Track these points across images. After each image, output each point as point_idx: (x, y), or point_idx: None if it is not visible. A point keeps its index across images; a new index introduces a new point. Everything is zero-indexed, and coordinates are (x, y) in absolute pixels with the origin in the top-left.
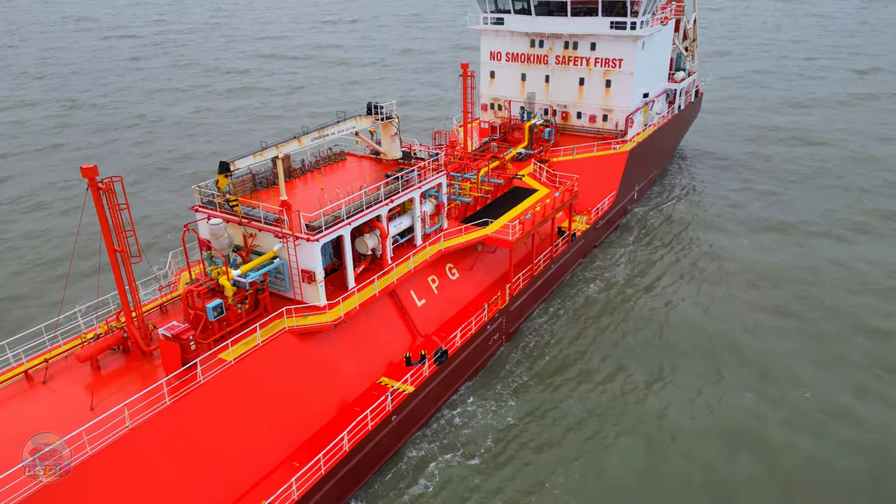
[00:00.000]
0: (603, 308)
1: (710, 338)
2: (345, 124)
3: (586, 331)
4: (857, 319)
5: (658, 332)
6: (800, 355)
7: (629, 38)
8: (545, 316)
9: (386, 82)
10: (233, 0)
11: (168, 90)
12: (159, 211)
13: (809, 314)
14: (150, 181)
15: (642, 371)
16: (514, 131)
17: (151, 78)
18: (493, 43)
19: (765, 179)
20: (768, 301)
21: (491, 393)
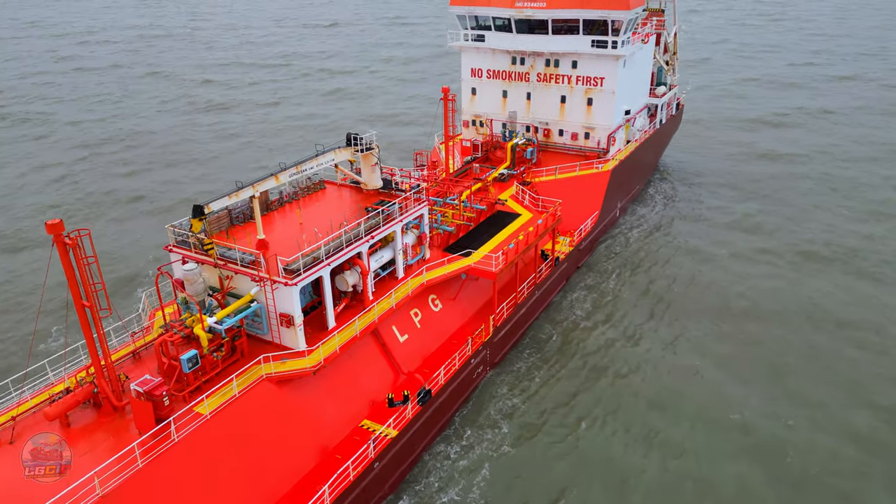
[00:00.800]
0: (586, 330)
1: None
2: (323, 157)
3: (573, 354)
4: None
5: (640, 354)
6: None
7: (611, 58)
8: (529, 340)
9: (368, 96)
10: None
11: (147, 103)
12: (134, 242)
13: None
14: (126, 208)
15: (635, 389)
16: (497, 150)
17: (131, 94)
18: (474, 60)
19: (745, 195)
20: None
21: (485, 420)
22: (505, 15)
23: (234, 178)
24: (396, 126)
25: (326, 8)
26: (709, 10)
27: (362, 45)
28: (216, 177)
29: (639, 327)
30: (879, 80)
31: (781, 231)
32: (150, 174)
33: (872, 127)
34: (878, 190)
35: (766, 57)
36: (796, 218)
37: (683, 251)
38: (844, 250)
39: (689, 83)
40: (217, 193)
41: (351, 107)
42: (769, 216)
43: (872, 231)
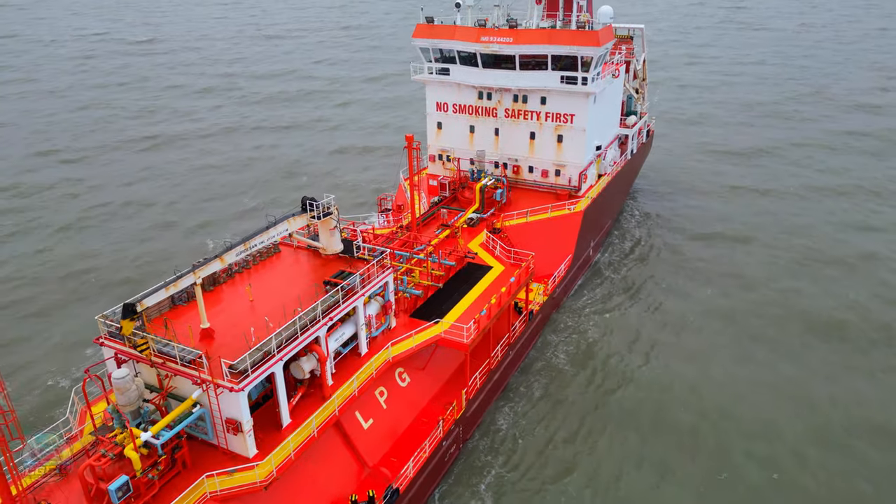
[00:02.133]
0: (567, 377)
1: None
2: (276, 229)
3: (556, 404)
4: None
5: (623, 403)
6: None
7: (581, 94)
8: (505, 401)
9: (328, 129)
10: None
11: (97, 130)
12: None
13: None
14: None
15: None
16: (465, 190)
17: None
18: (439, 93)
19: (713, 221)
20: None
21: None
22: (470, 49)
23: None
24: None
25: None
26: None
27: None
28: (155, 240)
29: (623, 370)
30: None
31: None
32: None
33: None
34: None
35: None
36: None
37: (660, 287)
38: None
39: (656, 94)
40: (153, 283)
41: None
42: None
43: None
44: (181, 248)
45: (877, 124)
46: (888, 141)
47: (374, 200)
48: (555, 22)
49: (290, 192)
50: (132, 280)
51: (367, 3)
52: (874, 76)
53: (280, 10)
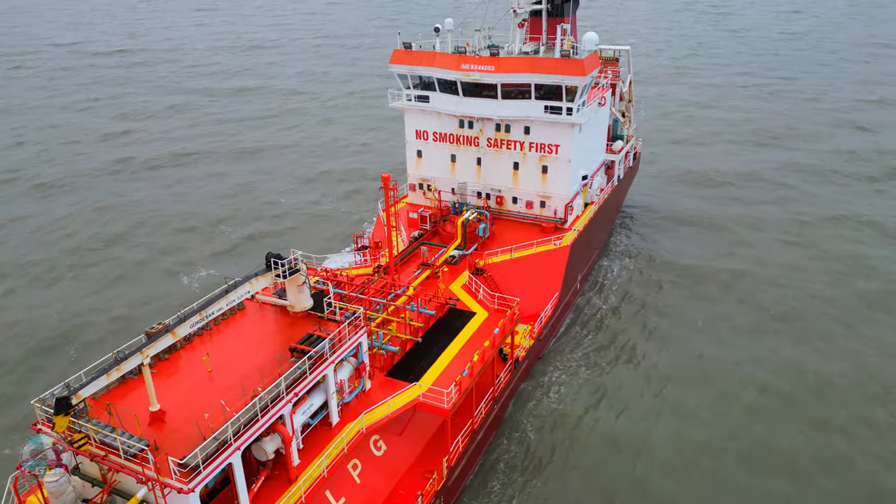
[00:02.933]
0: (561, 417)
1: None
2: (236, 293)
3: (551, 450)
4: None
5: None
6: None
7: (566, 125)
8: (492, 456)
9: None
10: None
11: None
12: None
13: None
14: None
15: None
16: (446, 223)
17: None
18: (419, 121)
19: (700, 247)
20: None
21: None
22: (450, 77)
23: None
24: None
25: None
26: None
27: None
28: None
29: (619, 410)
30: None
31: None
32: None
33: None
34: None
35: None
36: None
37: (650, 320)
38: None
39: (641, 109)
40: (94, 369)
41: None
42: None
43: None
44: (152, 291)
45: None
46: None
47: (352, 230)
48: (538, 46)
49: (266, 223)
50: (90, 342)
51: (347, 10)
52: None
53: (260, 16)
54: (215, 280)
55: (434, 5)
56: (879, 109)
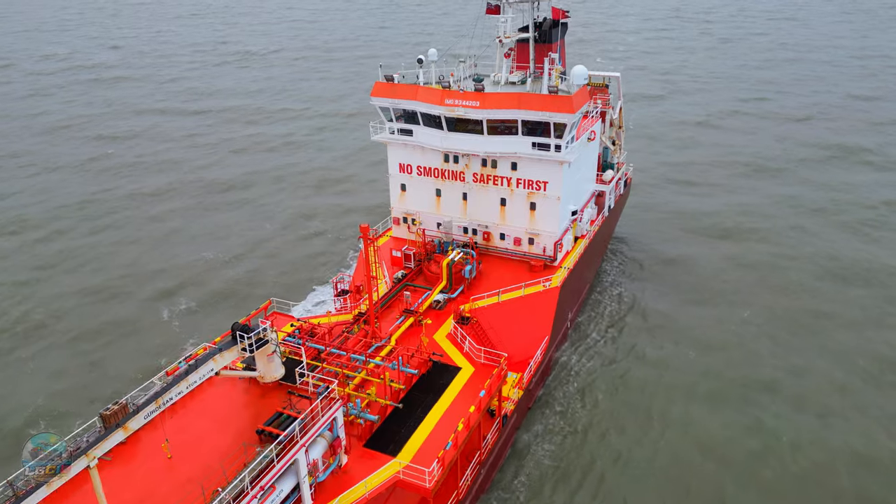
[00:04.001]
0: (556, 474)
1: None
2: (197, 373)
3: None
4: None
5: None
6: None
7: (554, 162)
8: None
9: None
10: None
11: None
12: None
13: None
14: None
15: None
16: (431, 263)
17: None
18: (402, 155)
19: (692, 276)
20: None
21: None
22: (434, 112)
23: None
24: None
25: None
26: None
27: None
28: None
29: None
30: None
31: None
32: None
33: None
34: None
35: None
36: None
37: (641, 362)
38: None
39: (631, 124)
40: (38, 477)
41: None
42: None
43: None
44: (129, 327)
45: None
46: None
47: (333, 259)
48: (525, 75)
49: (247, 259)
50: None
51: (339, 18)
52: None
53: (248, 23)
54: (195, 316)
55: (428, 13)
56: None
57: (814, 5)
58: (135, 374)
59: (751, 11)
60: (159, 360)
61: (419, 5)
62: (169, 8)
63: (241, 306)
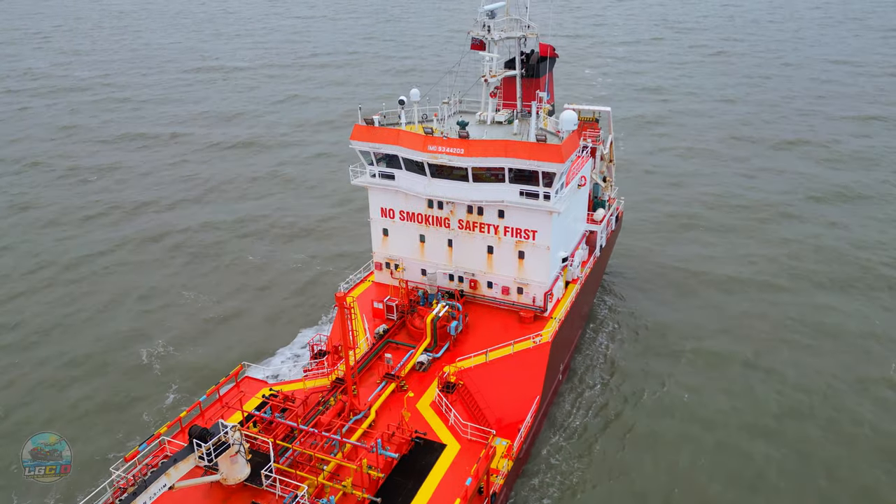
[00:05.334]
0: None
1: None
2: (146, 494)
3: None
4: None
5: None
6: None
7: (543, 212)
8: None
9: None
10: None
11: None
12: None
13: None
14: None
15: None
16: (415, 317)
17: None
18: (384, 199)
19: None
20: None
21: None
22: (416, 158)
23: None
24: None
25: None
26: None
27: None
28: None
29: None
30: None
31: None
32: None
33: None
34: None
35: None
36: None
37: (636, 410)
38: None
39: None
40: None
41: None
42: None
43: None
44: (106, 373)
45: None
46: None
47: (312, 302)
48: (512, 114)
49: (222, 308)
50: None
51: (320, 28)
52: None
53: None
54: (174, 357)
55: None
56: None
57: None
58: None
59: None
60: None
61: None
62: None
63: (216, 357)
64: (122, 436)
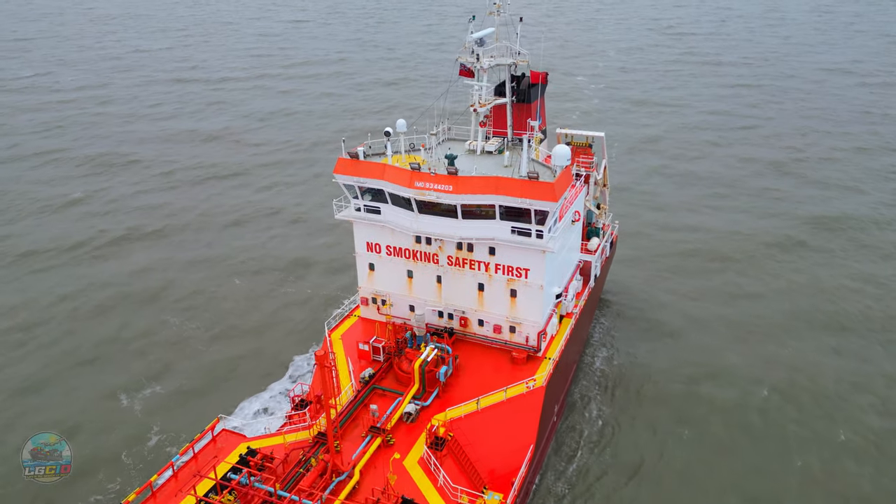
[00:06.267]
0: None
1: None
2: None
3: None
4: None
5: None
6: None
7: (536, 250)
8: None
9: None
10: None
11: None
12: None
13: None
14: None
15: None
16: (402, 360)
17: None
18: (369, 233)
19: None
20: None
21: None
22: (403, 194)
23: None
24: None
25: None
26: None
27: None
28: None
29: None
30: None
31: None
32: None
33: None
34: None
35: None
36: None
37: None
38: None
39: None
40: None
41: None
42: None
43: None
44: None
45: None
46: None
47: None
48: (502, 143)
49: (197, 350)
50: None
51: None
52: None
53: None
54: (148, 395)
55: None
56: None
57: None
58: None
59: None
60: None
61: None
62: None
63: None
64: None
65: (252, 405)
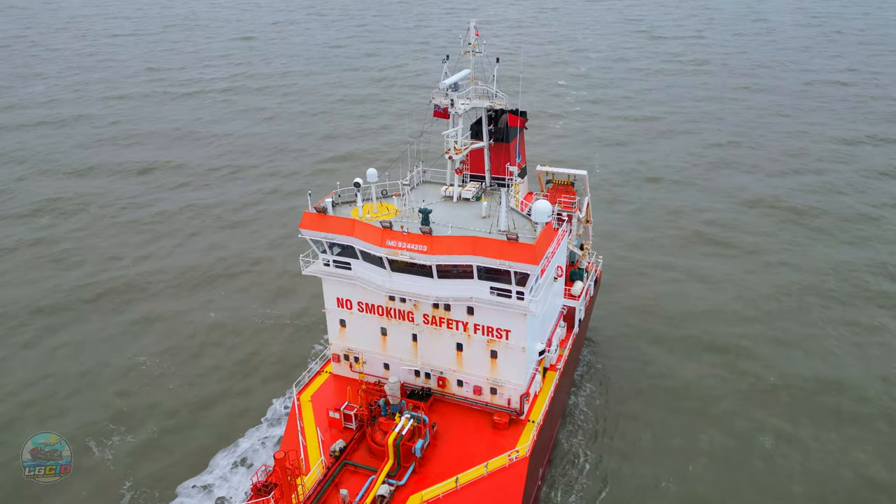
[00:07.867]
0: None
1: None
2: None
3: None
4: None
5: None
6: None
7: (517, 312)
8: None
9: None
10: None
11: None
12: None
13: None
14: None
15: None
16: (376, 430)
17: None
18: (340, 289)
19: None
20: None
21: None
22: (375, 253)
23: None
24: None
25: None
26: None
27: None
28: None
29: None
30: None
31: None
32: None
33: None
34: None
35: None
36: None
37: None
38: None
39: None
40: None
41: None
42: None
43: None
44: None
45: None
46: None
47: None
48: (480, 189)
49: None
50: None
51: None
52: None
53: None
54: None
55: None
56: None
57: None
58: None
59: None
60: None
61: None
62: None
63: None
64: None
65: (227, 459)
